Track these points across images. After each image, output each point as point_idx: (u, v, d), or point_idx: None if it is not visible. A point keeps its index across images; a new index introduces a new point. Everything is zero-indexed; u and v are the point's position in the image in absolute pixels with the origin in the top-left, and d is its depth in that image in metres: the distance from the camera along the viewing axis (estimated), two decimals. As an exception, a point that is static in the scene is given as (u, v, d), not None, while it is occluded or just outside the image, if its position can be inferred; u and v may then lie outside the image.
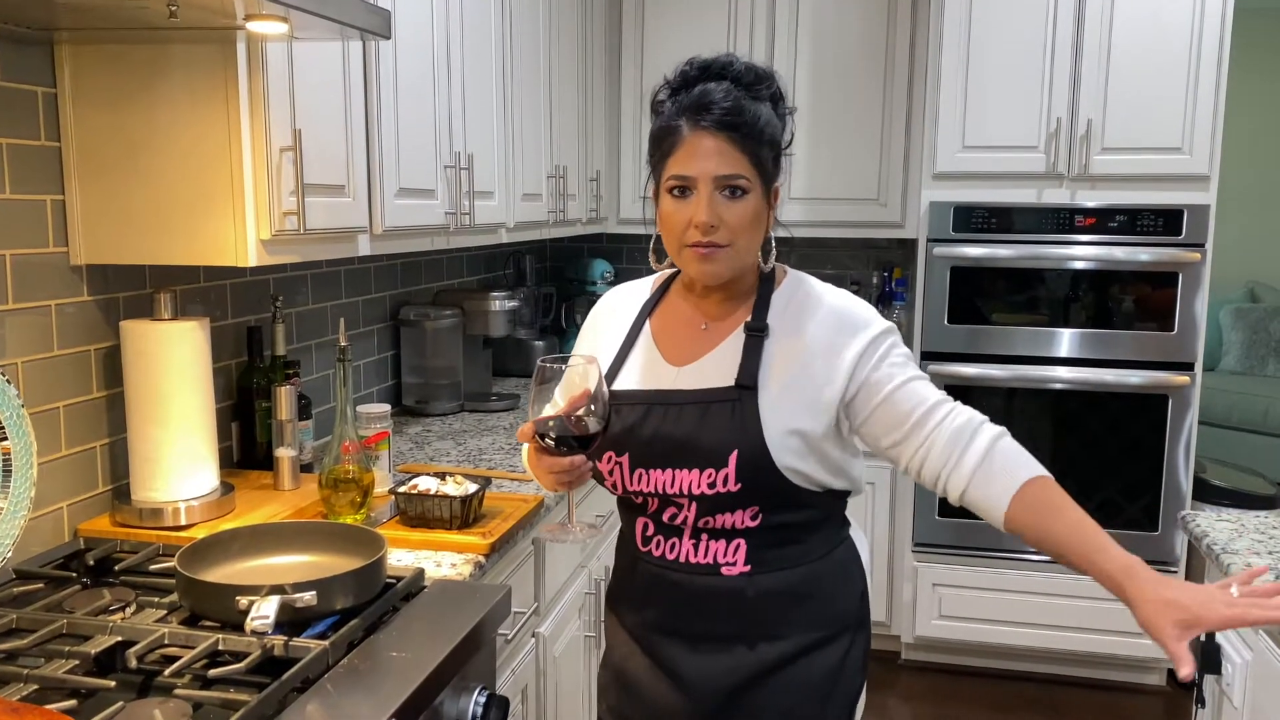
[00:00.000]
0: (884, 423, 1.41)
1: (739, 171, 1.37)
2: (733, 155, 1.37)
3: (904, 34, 3.51)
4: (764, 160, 1.39)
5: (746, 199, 1.38)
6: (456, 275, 3.33)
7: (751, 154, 1.37)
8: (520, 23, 2.71)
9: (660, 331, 1.51)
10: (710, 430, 1.38)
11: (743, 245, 1.40)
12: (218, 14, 1.43)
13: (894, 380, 1.40)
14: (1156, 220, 3.24)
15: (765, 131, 1.39)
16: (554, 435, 1.36)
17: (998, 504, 1.35)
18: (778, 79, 1.44)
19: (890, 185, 3.59)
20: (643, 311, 1.54)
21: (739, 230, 1.38)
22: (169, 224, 1.68)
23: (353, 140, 1.92)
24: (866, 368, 1.40)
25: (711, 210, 1.37)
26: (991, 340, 3.37)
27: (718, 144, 1.36)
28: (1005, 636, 3.49)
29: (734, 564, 1.43)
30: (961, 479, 1.37)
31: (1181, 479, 3.31)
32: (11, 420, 1.51)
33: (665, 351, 1.49)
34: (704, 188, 1.37)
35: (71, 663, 1.26)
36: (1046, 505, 1.33)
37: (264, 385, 2.13)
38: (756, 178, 1.39)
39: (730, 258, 1.40)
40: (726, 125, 1.36)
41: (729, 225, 1.37)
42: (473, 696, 1.46)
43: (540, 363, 1.37)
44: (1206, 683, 1.87)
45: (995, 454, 1.37)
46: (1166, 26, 3.15)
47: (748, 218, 1.38)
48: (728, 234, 1.38)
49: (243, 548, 1.53)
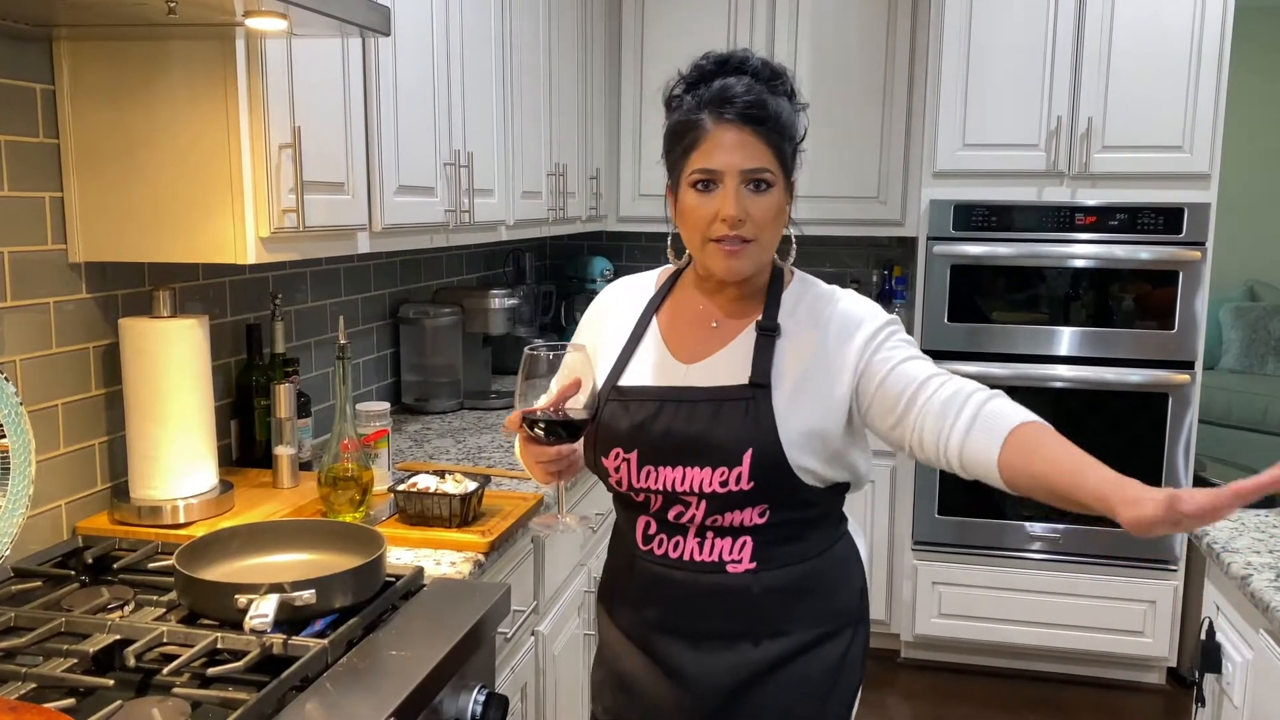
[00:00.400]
0: (882, 406, 1.39)
1: (765, 165, 1.37)
2: (758, 148, 1.37)
3: (904, 31, 3.51)
4: (786, 154, 1.40)
5: (771, 192, 1.38)
6: (456, 273, 3.33)
7: (775, 147, 1.38)
8: (520, 20, 2.71)
9: (668, 328, 1.51)
10: (724, 428, 1.38)
11: (767, 240, 1.41)
12: (217, 10, 1.42)
13: (888, 364, 1.39)
14: (1157, 219, 3.23)
15: (787, 126, 1.40)
16: (543, 424, 1.35)
17: (989, 457, 1.28)
18: (790, 75, 1.44)
19: (890, 183, 3.59)
20: (649, 307, 1.54)
21: (764, 224, 1.38)
22: (168, 221, 1.68)
23: (352, 137, 1.91)
24: (865, 356, 1.40)
25: (739, 204, 1.36)
26: (991, 338, 3.37)
27: (742, 137, 1.36)
28: (1005, 635, 3.49)
29: (739, 561, 1.43)
30: (955, 445, 1.31)
31: (1181, 477, 3.31)
32: (10, 418, 1.50)
33: (674, 348, 1.49)
34: (730, 181, 1.36)
35: (70, 661, 1.25)
36: (1034, 442, 1.26)
37: (263, 383, 2.12)
38: (780, 171, 1.39)
39: (755, 253, 1.40)
40: (751, 119, 1.36)
41: (755, 219, 1.37)
42: (472, 695, 1.46)
43: (527, 351, 1.37)
44: (1207, 681, 1.86)
45: (984, 413, 1.31)
46: (1167, 25, 3.15)
47: (773, 211, 1.39)
48: (754, 228, 1.38)
49: (241, 546, 1.53)
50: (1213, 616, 1.88)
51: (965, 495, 3.44)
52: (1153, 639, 3.39)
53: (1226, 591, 1.83)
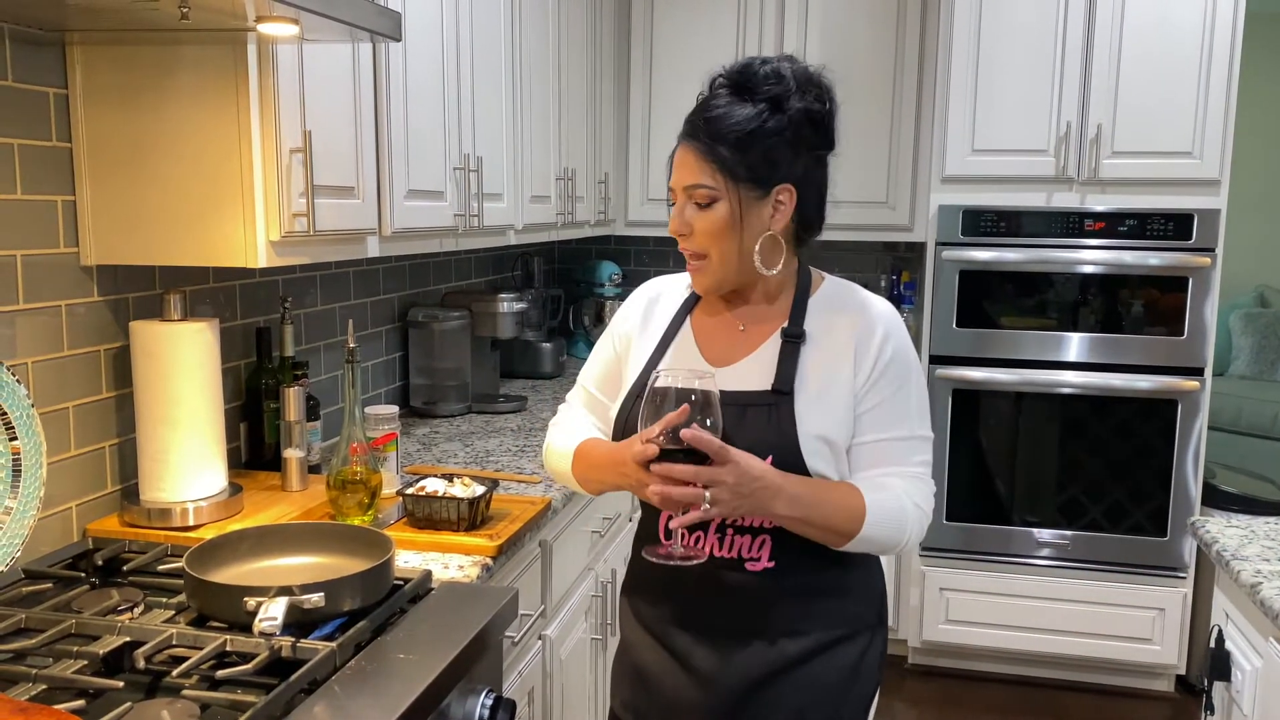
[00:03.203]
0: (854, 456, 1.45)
1: (699, 180, 1.40)
2: (695, 165, 1.40)
3: (913, 37, 3.51)
4: (730, 164, 1.38)
5: (714, 208, 1.40)
6: (464, 277, 3.33)
7: (717, 161, 1.38)
8: (530, 25, 2.72)
9: (701, 331, 1.53)
10: (747, 432, 1.39)
11: (720, 254, 1.42)
12: (229, 15, 1.43)
13: (869, 435, 1.43)
14: (1166, 225, 3.23)
15: (730, 134, 1.37)
16: (676, 448, 1.29)
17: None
18: (790, 78, 1.40)
19: (899, 188, 3.58)
20: (683, 308, 1.56)
21: (708, 239, 1.41)
22: (179, 225, 1.69)
23: (362, 142, 1.92)
24: (862, 398, 1.43)
25: (679, 220, 1.43)
26: (1000, 344, 3.36)
27: (685, 155, 1.41)
28: (1012, 641, 3.48)
29: (758, 559, 1.44)
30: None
31: (1190, 484, 3.30)
32: (21, 420, 1.51)
33: (706, 351, 1.50)
34: (679, 199, 1.43)
35: (80, 663, 1.26)
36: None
37: (272, 386, 2.13)
38: (726, 184, 1.38)
39: (711, 268, 1.44)
40: (688, 134, 1.41)
41: (698, 233, 1.42)
42: (479, 699, 1.46)
43: (653, 383, 1.32)
44: (1216, 689, 1.86)
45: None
46: (1177, 30, 3.14)
47: (716, 226, 1.40)
48: (701, 242, 1.42)
49: (250, 549, 1.53)
50: (1222, 624, 1.87)
51: (973, 501, 3.44)
52: (1161, 646, 3.37)
53: (1236, 599, 1.82)
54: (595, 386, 1.63)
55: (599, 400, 1.62)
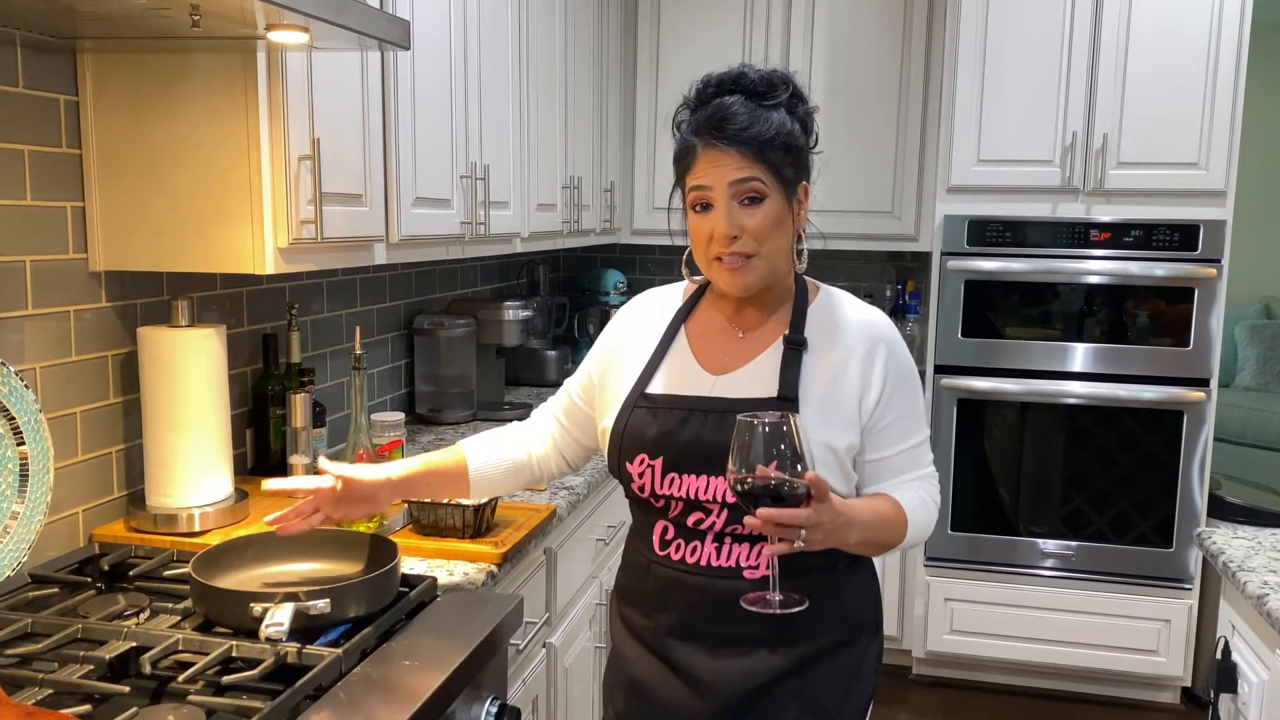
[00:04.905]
0: (865, 471, 1.49)
1: (752, 175, 1.39)
2: (743, 163, 1.39)
3: (919, 47, 3.51)
4: (778, 164, 1.41)
5: (765, 204, 1.40)
6: (470, 284, 3.34)
7: (765, 160, 1.39)
8: (536, 34, 2.73)
9: (696, 339, 1.53)
10: None
11: (769, 251, 1.42)
12: (239, 23, 1.44)
13: (891, 449, 1.47)
14: (1172, 235, 3.22)
15: (777, 137, 1.40)
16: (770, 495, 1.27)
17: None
18: (793, 80, 1.45)
19: (904, 198, 3.59)
20: (676, 318, 1.56)
21: (761, 237, 1.40)
22: (187, 231, 1.69)
23: (370, 150, 1.93)
24: (878, 414, 1.45)
25: (730, 220, 1.39)
26: (1005, 354, 3.36)
27: (728, 156, 1.39)
28: (1017, 652, 3.46)
29: (757, 567, 1.44)
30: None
31: (1196, 496, 3.29)
32: (29, 425, 1.52)
33: (702, 360, 1.50)
34: (721, 199, 1.40)
35: (86, 668, 1.26)
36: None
37: (279, 392, 2.13)
38: (773, 182, 1.40)
39: (759, 267, 1.42)
40: (735, 139, 1.39)
41: (750, 233, 1.40)
42: (485, 706, 1.46)
43: (741, 419, 1.27)
44: (1222, 702, 1.85)
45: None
46: (1183, 41, 3.15)
47: (769, 223, 1.40)
48: (751, 242, 1.40)
49: (256, 555, 1.54)
50: (1228, 636, 1.87)
51: (978, 512, 3.43)
52: (1167, 658, 3.36)
53: (1242, 611, 1.81)
54: (578, 396, 1.65)
55: (579, 408, 1.64)
